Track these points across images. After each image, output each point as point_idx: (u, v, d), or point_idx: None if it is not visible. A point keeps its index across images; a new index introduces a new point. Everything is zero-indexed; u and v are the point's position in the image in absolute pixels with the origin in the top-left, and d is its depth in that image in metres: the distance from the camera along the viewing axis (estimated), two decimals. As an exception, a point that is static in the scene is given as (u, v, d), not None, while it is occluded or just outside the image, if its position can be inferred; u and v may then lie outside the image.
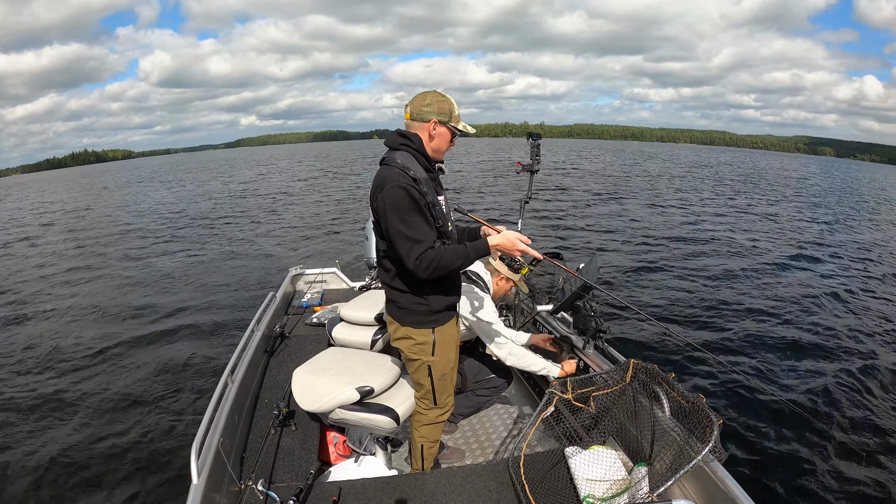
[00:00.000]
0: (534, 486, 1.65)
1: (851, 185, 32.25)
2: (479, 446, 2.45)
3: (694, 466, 1.40)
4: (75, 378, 4.50)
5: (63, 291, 7.69)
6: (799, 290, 6.87)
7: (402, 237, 1.52)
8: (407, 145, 1.64)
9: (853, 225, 13.44)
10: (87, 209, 19.31)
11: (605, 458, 1.71)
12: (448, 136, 1.68)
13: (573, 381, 1.91)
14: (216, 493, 1.60)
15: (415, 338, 1.74)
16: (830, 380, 4.23)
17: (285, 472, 1.86)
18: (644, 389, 1.75)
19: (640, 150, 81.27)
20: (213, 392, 1.91)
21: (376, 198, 1.57)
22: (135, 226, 13.95)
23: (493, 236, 1.65)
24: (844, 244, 10.50)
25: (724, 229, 11.44)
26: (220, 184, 27.74)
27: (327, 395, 1.79)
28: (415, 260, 1.51)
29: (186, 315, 6.10)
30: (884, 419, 3.70)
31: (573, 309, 2.49)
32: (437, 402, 1.85)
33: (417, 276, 1.54)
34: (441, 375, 1.80)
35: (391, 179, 1.53)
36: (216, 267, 8.59)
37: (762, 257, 8.81)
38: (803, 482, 3.00)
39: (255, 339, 2.65)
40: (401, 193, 1.51)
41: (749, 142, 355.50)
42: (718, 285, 7.01)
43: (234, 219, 14.00)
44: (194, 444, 1.53)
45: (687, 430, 1.52)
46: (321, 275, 4.05)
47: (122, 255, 10.06)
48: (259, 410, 2.26)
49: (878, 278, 7.83)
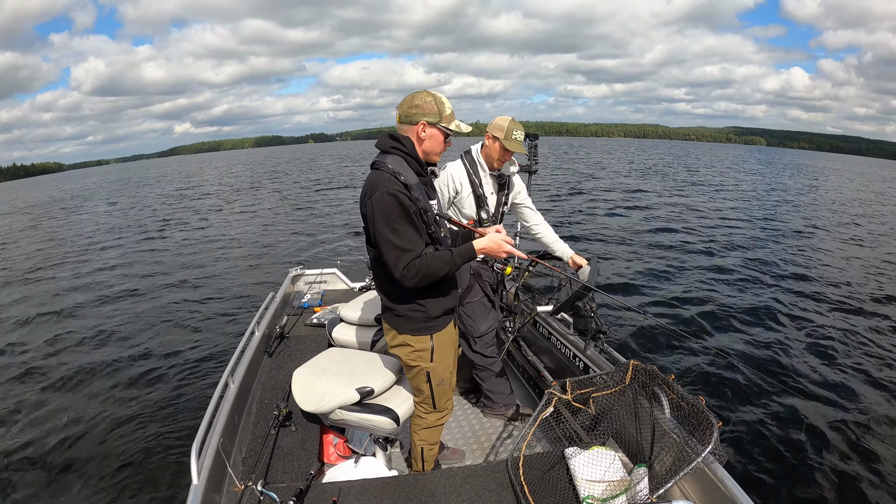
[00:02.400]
0: (533, 487, 1.66)
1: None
2: (479, 447, 2.45)
3: (694, 468, 1.41)
4: (75, 378, 4.50)
5: (56, 288, 7.69)
6: (800, 290, 6.87)
7: (390, 245, 1.49)
8: (398, 149, 1.60)
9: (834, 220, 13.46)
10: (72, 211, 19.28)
11: (604, 459, 1.71)
12: (440, 138, 1.63)
13: (573, 382, 1.91)
14: (216, 494, 1.60)
15: (413, 345, 1.72)
16: (831, 380, 4.24)
17: (285, 473, 1.87)
18: (644, 391, 1.75)
19: (572, 144, 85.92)
20: (213, 392, 1.91)
21: (365, 203, 1.54)
22: (135, 225, 13.96)
23: (477, 240, 1.62)
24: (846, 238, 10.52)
25: (719, 227, 11.45)
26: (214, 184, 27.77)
27: (327, 395, 1.80)
28: (402, 269, 1.49)
29: (186, 315, 6.10)
30: (884, 419, 3.70)
31: (573, 310, 2.49)
32: (437, 406, 1.86)
33: (404, 284, 1.52)
34: (440, 381, 1.80)
35: (381, 185, 1.49)
36: (216, 267, 8.59)
37: (760, 255, 8.82)
38: (804, 483, 3.00)
39: (255, 339, 2.65)
40: (390, 201, 1.47)
41: (682, 134, 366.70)
42: (718, 285, 7.01)
43: (233, 219, 14.01)
44: (194, 444, 1.53)
45: (687, 431, 1.52)
46: (321, 275, 4.04)
47: (120, 255, 10.06)
48: (259, 411, 2.26)
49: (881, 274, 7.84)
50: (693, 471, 1.41)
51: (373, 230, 1.53)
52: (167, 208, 17.79)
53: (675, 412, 1.61)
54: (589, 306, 2.37)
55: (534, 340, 2.99)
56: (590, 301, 2.38)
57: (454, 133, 1.65)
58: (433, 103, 1.59)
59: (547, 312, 2.92)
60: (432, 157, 1.67)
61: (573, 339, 2.55)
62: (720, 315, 5.82)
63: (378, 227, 1.49)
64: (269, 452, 1.94)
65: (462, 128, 1.65)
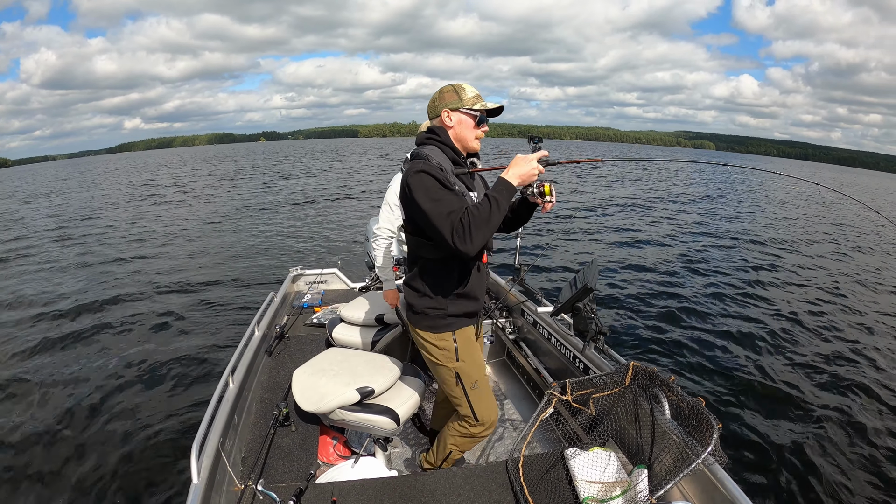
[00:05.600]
0: (533, 488, 1.66)
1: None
2: (479, 447, 2.45)
3: (694, 469, 1.41)
4: (74, 377, 4.50)
5: (56, 288, 7.68)
6: (800, 289, 6.88)
7: (438, 216, 1.43)
8: (433, 139, 1.62)
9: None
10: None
11: (604, 459, 1.71)
12: (469, 122, 1.62)
13: (573, 382, 1.91)
14: (216, 494, 1.60)
15: (435, 343, 1.69)
16: (832, 380, 4.24)
17: (285, 473, 1.87)
18: (644, 392, 1.75)
19: (525, 145, 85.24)
20: (213, 392, 1.91)
21: (403, 190, 1.53)
22: (133, 225, 13.96)
23: (505, 174, 1.51)
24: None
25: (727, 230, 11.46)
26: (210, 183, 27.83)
27: (328, 395, 1.80)
28: (452, 234, 1.41)
29: (186, 315, 6.10)
30: (885, 420, 3.70)
31: (573, 310, 2.49)
32: (479, 418, 1.76)
33: (463, 250, 1.41)
34: (473, 383, 1.73)
35: (414, 167, 1.50)
36: (215, 267, 8.59)
37: (756, 254, 8.82)
38: (804, 485, 3.00)
39: (255, 339, 2.65)
40: (422, 175, 1.47)
41: (632, 137, 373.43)
42: (717, 286, 7.01)
43: (233, 219, 14.01)
44: (194, 444, 1.53)
45: (686, 432, 1.52)
46: (321, 275, 4.05)
47: (119, 255, 10.06)
48: (259, 411, 2.26)
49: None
50: (693, 472, 1.41)
51: (414, 209, 1.50)
52: (158, 208, 17.79)
53: (675, 413, 1.61)
54: (589, 307, 2.37)
55: (534, 341, 2.99)
56: (590, 302, 2.38)
57: (481, 114, 1.62)
58: (452, 91, 1.61)
59: (547, 313, 2.92)
60: (468, 143, 1.65)
61: (573, 340, 2.55)
62: (721, 315, 5.82)
63: (421, 203, 1.45)
64: (268, 452, 1.94)
65: (488, 105, 1.62)
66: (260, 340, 2.70)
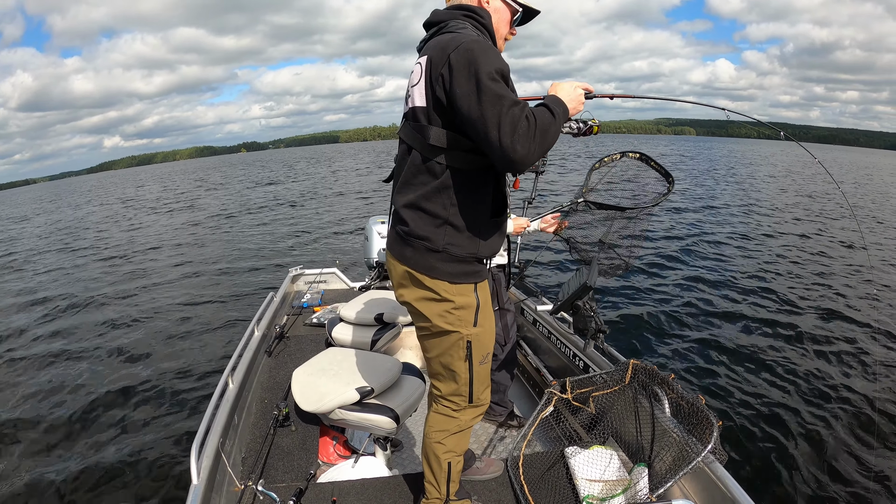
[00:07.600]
0: (533, 486, 1.66)
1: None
2: (479, 446, 2.45)
3: (694, 467, 1.41)
4: (74, 378, 4.50)
5: (56, 293, 7.69)
6: (802, 283, 6.87)
7: (494, 97, 1.02)
8: (473, 17, 1.18)
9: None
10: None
11: (604, 458, 1.71)
12: (506, 16, 1.24)
13: (573, 381, 1.91)
14: (216, 494, 1.60)
15: (452, 298, 1.21)
16: (833, 380, 4.24)
17: (285, 473, 1.87)
18: (644, 390, 1.75)
19: None
20: (213, 392, 1.91)
21: (439, 70, 1.09)
22: (131, 226, 13.96)
23: (555, 97, 1.16)
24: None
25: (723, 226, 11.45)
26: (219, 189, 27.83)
27: (327, 395, 1.79)
28: (513, 131, 1.01)
29: (186, 315, 6.10)
30: (886, 420, 3.70)
31: (573, 309, 2.49)
32: (473, 399, 1.35)
33: (517, 158, 1.03)
34: (483, 356, 1.31)
35: (466, 38, 1.09)
36: (215, 267, 8.59)
37: (757, 253, 8.81)
38: (804, 483, 3.00)
39: (255, 339, 2.65)
40: (487, 47, 1.08)
41: (613, 127, 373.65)
42: (717, 286, 7.01)
43: (232, 219, 14.00)
44: (194, 444, 1.53)
45: (687, 430, 1.52)
46: (321, 275, 4.04)
47: (117, 255, 10.06)
48: (259, 411, 2.26)
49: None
50: (693, 470, 1.41)
51: (464, 95, 1.05)
52: (158, 215, 17.80)
53: (675, 411, 1.61)
54: (589, 305, 2.37)
55: (533, 340, 2.99)
56: (589, 300, 2.38)
57: (524, 8, 1.25)
58: None
59: (546, 311, 2.92)
60: (497, 41, 1.26)
61: (573, 339, 2.55)
62: (721, 314, 5.81)
63: (482, 80, 1.03)
64: (268, 452, 1.94)
65: (534, 5, 1.26)
66: (260, 340, 2.70)
